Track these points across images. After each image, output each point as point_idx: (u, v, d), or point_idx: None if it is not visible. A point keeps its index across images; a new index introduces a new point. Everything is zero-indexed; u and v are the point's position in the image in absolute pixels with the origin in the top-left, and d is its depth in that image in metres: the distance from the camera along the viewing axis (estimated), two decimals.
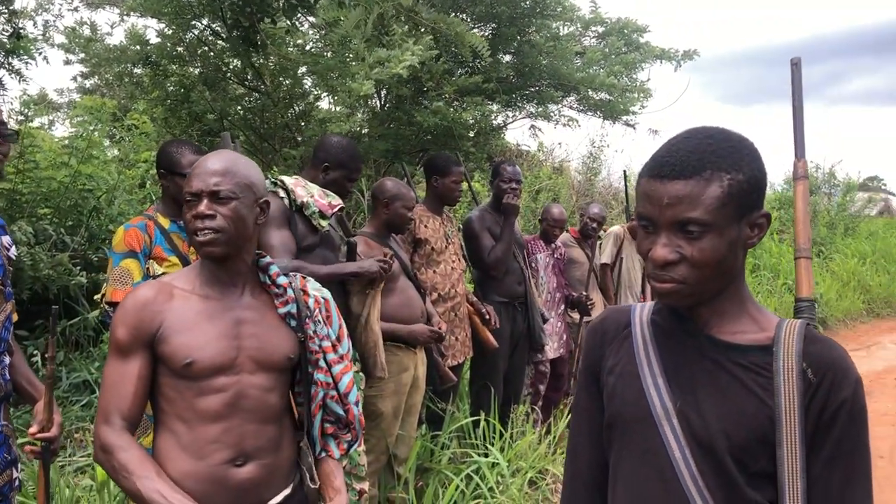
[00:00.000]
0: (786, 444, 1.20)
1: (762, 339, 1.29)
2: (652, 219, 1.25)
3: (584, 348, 1.51)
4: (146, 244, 2.75)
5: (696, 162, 1.21)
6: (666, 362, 1.33)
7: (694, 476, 1.25)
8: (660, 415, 1.29)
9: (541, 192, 9.24)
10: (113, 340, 1.74)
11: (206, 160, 1.78)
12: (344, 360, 1.97)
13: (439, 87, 6.36)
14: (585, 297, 5.12)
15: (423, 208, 4.10)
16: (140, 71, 6.89)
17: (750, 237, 1.26)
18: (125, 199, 5.39)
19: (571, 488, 1.50)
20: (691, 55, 7.43)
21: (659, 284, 1.26)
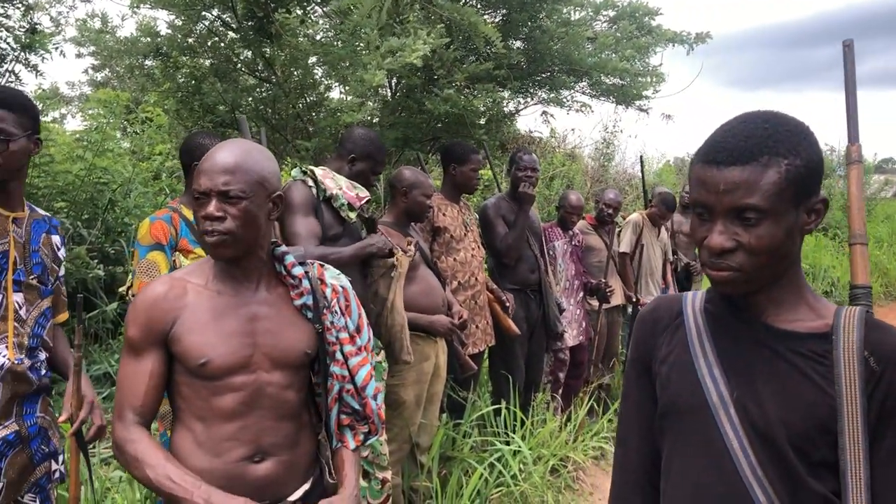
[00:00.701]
0: (848, 433, 1.18)
1: (820, 326, 1.26)
2: (707, 206, 1.22)
3: (635, 338, 1.48)
4: (172, 236, 2.74)
5: (753, 147, 1.18)
6: (721, 351, 1.31)
7: (753, 466, 1.23)
8: (716, 404, 1.27)
9: (554, 179, 9.20)
10: (126, 338, 1.71)
11: (216, 154, 1.69)
12: (362, 353, 1.92)
13: (450, 75, 6.34)
14: (604, 283, 5.10)
15: (440, 196, 4.08)
16: (151, 63, 6.89)
17: (807, 223, 1.24)
18: (140, 192, 5.39)
19: (623, 478, 1.48)
20: (704, 38, 7.40)
21: (715, 273, 1.24)
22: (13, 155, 2.08)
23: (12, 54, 4.44)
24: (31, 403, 2.17)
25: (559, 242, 5.01)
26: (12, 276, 2.11)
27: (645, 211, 5.94)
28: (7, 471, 2.08)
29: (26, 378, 2.12)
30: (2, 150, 2.05)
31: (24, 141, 2.12)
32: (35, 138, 2.18)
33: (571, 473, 4.44)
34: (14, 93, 2.20)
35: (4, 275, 2.10)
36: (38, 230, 2.25)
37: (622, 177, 10.90)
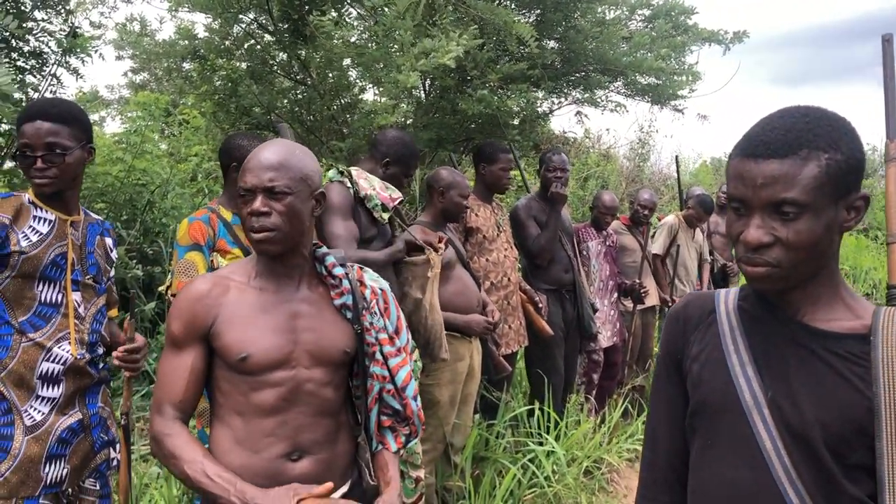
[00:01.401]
0: (886, 436, 1.16)
1: (858, 326, 1.24)
2: (745, 200, 1.21)
3: (665, 335, 1.47)
4: (210, 237, 2.80)
5: (793, 140, 1.17)
6: (755, 350, 1.29)
7: (787, 467, 1.21)
8: (749, 404, 1.26)
9: (589, 179, 9.15)
10: (168, 333, 1.75)
11: (260, 153, 1.74)
12: (401, 354, 1.93)
13: (483, 76, 6.32)
14: (638, 284, 5.07)
15: (473, 197, 4.09)
16: (189, 65, 6.97)
17: (847, 220, 1.22)
18: (178, 193, 5.47)
19: (651, 476, 1.48)
20: (741, 37, 7.27)
21: (751, 268, 1.23)
22: (69, 167, 2.22)
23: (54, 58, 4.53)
24: (92, 394, 2.32)
25: (593, 243, 4.99)
26: (71, 276, 2.24)
27: (681, 213, 5.89)
28: (71, 457, 2.21)
29: (87, 372, 2.26)
30: (59, 163, 2.18)
31: (79, 152, 2.25)
32: (89, 147, 2.30)
33: (605, 475, 4.42)
34: (68, 105, 2.31)
35: (64, 275, 2.23)
36: (93, 233, 2.39)
37: (657, 177, 10.81)
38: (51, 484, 2.14)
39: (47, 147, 2.15)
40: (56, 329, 2.18)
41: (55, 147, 2.16)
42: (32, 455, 2.10)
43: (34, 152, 2.15)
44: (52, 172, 2.17)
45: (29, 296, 2.14)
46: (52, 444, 2.15)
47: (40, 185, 2.18)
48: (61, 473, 2.17)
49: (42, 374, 2.14)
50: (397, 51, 5.47)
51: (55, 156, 2.16)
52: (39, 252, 2.15)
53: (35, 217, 2.18)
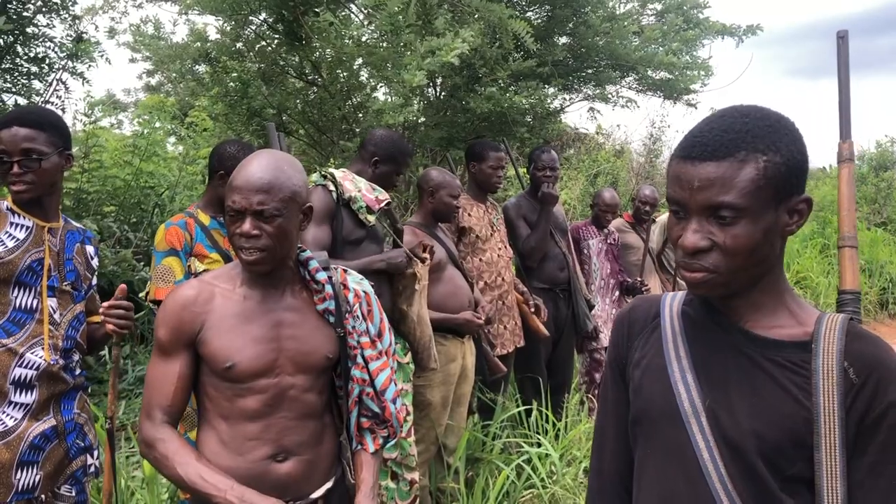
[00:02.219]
0: (824, 448, 1.12)
1: (800, 334, 1.20)
2: (682, 203, 1.17)
3: (611, 339, 1.44)
4: (187, 242, 2.82)
5: (730, 142, 1.13)
6: (696, 357, 1.26)
7: (722, 478, 1.18)
8: (688, 412, 1.22)
9: (599, 176, 9.07)
10: (156, 339, 1.78)
11: (248, 171, 1.71)
12: (382, 357, 1.95)
13: (493, 73, 6.30)
14: (640, 282, 5.02)
15: (466, 197, 4.08)
16: (201, 68, 7.05)
17: (788, 224, 1.18)
18: (186, 196, 5.53)
19: (598, 482, 1.45)
20: (754, 30, 7.18)
21: (689, 273, 1.19)
22: (46, 172, 2.23)
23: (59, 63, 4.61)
24: (68, 400, 2.32)
25: (594, 241, 4.95)
26: (47, 283, 2.25)
27: None
28: (44, 463, 2.21)
29: (62, 378, 2.26)
30: (34, 169, 2.20)
31: (56, 158, 2.26)
32: (66, 154, 2.32)
33: None
34: (44, 112, 2.35)
35: (40, 281, 2.24)
36: (72, 240, 2.40)
37: None
38: (22, 490, 2.14)
39: (23, 153, 2.17)
40: (30, 335, 2.19)
41: (31, 153, 2.18)
42: (3, 461, 2.11)
43: (10, 158, 2.17)
44: (28, 178, 2.19)
45: (3, 301, 2.16)
46: (24, 450, 2.15)
47: (17, 192, 2.20)
48: (33, 480, 2.17)
49: (15, 380, 2.15)
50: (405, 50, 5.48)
51: (31, 161, 2.18)
52: (15, 258, 2.17)
53: (12, 223, 2.21)
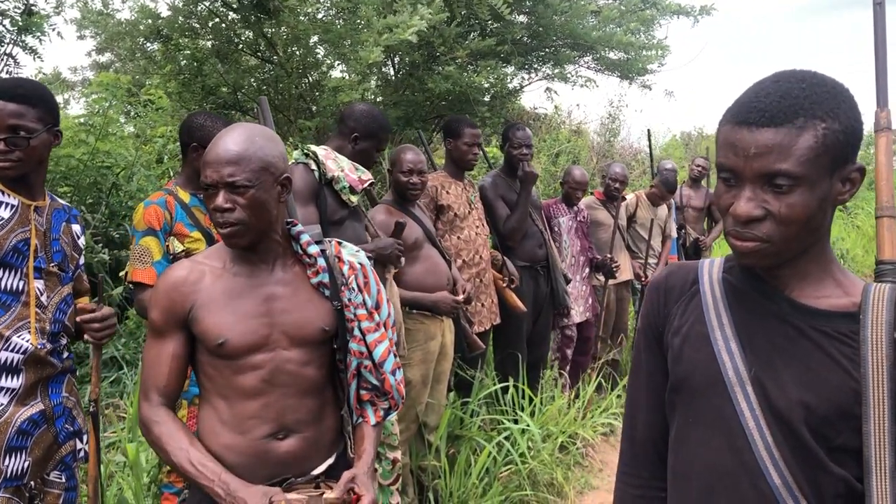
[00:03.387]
0: (873, 419, 1.11)
1: (847, 304, 1.19)
2: (735, 170, 1.14)
3: (646, 306, 1.41)
4: (166, 221, 2.72)
5: (788, 108, 1.10)
6: (740, 325, 1.24)
7: (769, 447, 1.17)
8: (732, 381, 1.21)
9: (560, 155, 9.14)
10: (149, 321, 1.78)
11: (219, 144, 1.70)
12: (380, 329, 1.94)
13: (452, 52, 6.27)
14: (610, 259, 5.07)
15: (444, 174, 4.05)
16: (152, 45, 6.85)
17: (841, 193, 1.16)
18: (143, 175, 5.37)
19: (631, 451, 1.44)
20: (708, 10, 7.29)
21: (740, 243, 1.16)
22: (34, 150, 2.13)
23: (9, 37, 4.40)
24: (55, 384, 2.23)
25: (564, 218, 4.98)
26: (33, 264, 2.16)
27: (644, 191, 5.93)
28: (33, 449, 2.13)
29: (49, 362, 2.17)
30: (23, 147, 2.09)
31: (45, 135, 2.16)
32: (55, 130, 2.21)
33: (580, 450, 4.44)
34: (33, 86, 2.21)
35: (26, 262, 2.14)
36: (59, 219, 2.30)
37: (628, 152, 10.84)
38: (11, 476, 2.06)
39: (11, 129, 2.06)
40: (16, 318, 2.08)
41: (19, 129, 2.07)
42: None
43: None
44: (15, 156, 2.07)
45: None
46: (12, 435, 2.06)
47: (3, 169, 2.08)
48: (22, 466, 2.08)
49: (0, 364, 2.05)
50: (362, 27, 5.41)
51: (19, 139, 2.07)
52: (0, 238, 2.06)
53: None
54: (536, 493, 3.86)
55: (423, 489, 3.62)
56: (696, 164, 6.85)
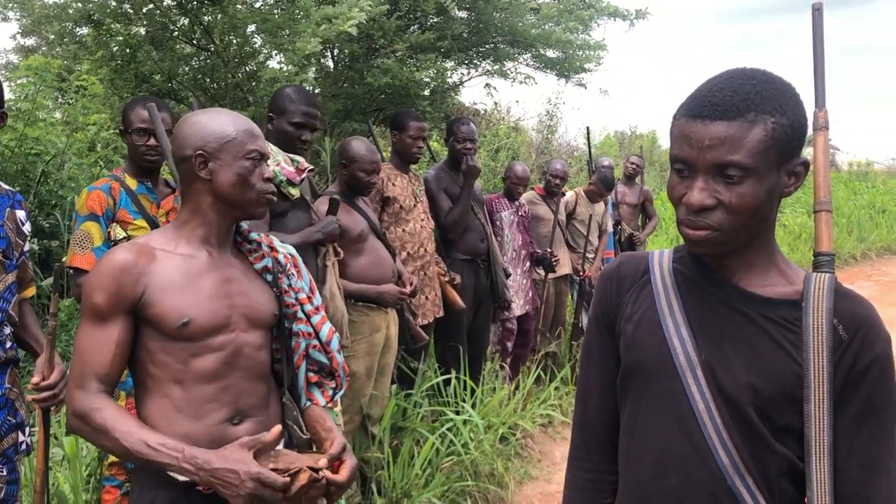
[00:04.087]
0: (814, 400, 1.18)
1: (790, 293, 1.25)
2: (689, 162, 1.19)
3: (597, 295, 1.45)
4: (109, 207, 2.69)
5: (741, 103, 1.15)
6: (690, 312, 1.29)
7: (718, 428, 1.22)
8: (683, 365, 1.26)
9: (500, 151, 9.21)
10: (88, 306, 1.66)
11: (239, 120, 1.78)
12: (320, 311, 1.97)
13: (392, 45, 6.25)
14: (550, 253, 5.15)
15: (389, 166, 4.04)
16: (83, 30, 6.63)
17: (787, 186, 1.22)
18: (75, 163, 5.20)
19: (582, 436, 1.48)
20: (644, 14, 7.46)
21: (692, 231, 1.21)
22: None
23: None
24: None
25: (506, 213, 5.03)
26: None
27: (582, 188, 6.04)
28: None
29: None
30: None
31: None
32: (1, 112, 2.13)
33: (520, 441, 4.50)
34: None
35: None
36: (2, 205, 2.22)
37: (565, 149, 10.99)
38: None
39: None
40: None
41: None
42: None
43: None
44: None
45: None
46: None
47: None
48: None
49: None
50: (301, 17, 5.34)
51: None
52: None
53: None
54: (478, 484, 3.90)
55: (366, 481, 3.62)
56: (630, 162, 7.00)
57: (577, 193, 5.95)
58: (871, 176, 17.66)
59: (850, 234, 13.09)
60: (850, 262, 12.29)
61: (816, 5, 1.45)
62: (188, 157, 1.72)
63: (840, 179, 16.48)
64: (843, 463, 1.20)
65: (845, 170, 18.20)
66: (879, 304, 7.75)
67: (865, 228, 13.58)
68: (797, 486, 1.23)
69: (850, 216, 13.85)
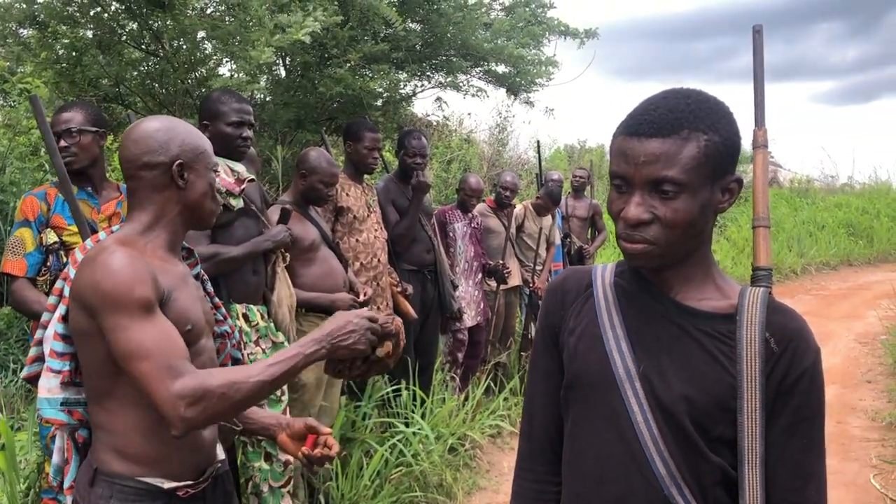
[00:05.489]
0: (747, 411, 1.22)
1: (725, 307, 1.30)
2: (626, 177, 1.23)
3: (544, 308, 1.49)
4: (42, 212, 2.71)
5: (675, 121, 1.20)
6: (629, 325, 1.33)
7: (655, 438, 1.26)
8: (622, 377, 1.29)
9: (452, 163, 9.25)
10: (133, 302, 1.52)
11: None
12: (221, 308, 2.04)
13: (344, 55, 6.24)
14: (502, 265, 5.19)
15: (343, 176, 4.04)
16: (27, 31, 6.48)
17: (721, 202, 1.26)
18: (17, 168, 5.06)
19: (529, 447, 1.50)
20: (593, 34, 7.56)
21: (629, 245, 1.25)
22: None
23: None
24: None
25: (459, 224, 5.07)
26: None
27: (530, 202, 6.11)
28: None
29: None
30: None
31: None
32: None
33: (469, 451, 4.51)
34: None
35: None
36: None
37: (516, 161, 11.08)
38: None
39: None
40: None
41: None
42: None
43: None
44: None
45: None
46: None
47: None
48: None
49: None
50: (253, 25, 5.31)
51: None
52: None
53: None
54: (426, 495, 3.90)
55: (314, 492, 3.59)
56: (575, 175, 7.11)
57: (525, 207, 6.01)
58: (812, 192, 18.16)
59: (790, 250, 13.43)
60: (790, 276, 12.61)
61: (757, 27, 1.52)
62: (161, 163, 1.67)
63: (782, 196, 16.90)
64: (775, 471, 1.24)
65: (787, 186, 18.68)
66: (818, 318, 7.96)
67: (805, 244, 13.94)
68: (731, 494, 1.26)
69: (790, 232, 14.21)
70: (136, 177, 1.69)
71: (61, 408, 1.65)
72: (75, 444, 1.68)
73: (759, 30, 1.53)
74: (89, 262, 1.59)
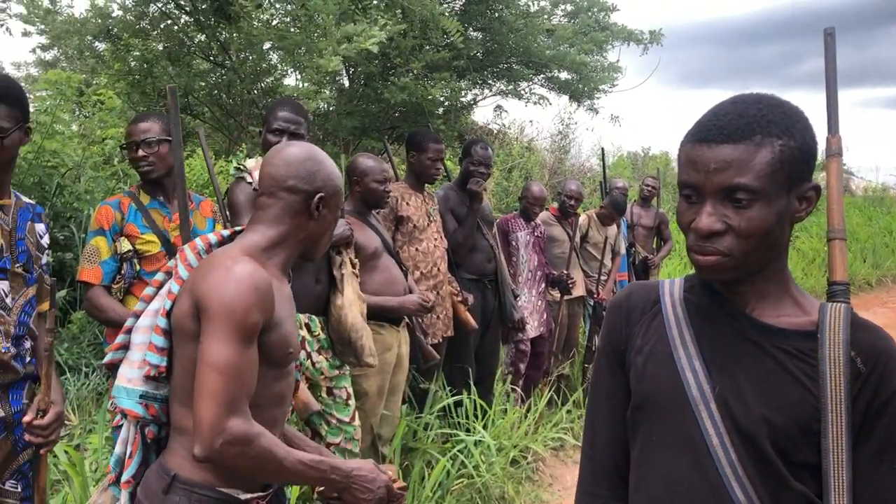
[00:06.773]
0: (832, 435, 1.14)
1: (805, 323, 1.22)
2: (696, 186, 1.17)
3: (607, 325, 1.42)
4: (116, 221, 2.75)
5: (746, 126, 1.14)
6: (702, 343, 1.25)
7: (733, 465, 1.18)
8: (696, 399, 1.22)
9: (513, 170, 9.23)
10: (242, 325, 1.54)
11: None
12: None
13: (407, 64, 6.28)
14: (566, 275, 5.12)
15: (404, 186, 4.04)
16: (101, 45, 6.71)
17: (798, 210, 1.19)
18: (91, 177, 5.23)
19: (591, 469, 1.42)
20: (658, 37, 7.43)
21: (702, 257, 1.18)
22: (6, 150, 2.04)
23: None
24: (16, 391, 2.15)
25: (522, 233, 5.02)
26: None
27: (594, 211, 6.02)
28: None
29: (12, 367, 2.09)
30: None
31: (17, 133, 2.06)
32: (26, 127, 2.12)
33: (531, 464, 4.45)
34: (5, 81, 2.12)
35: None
36: (24, 218, 2.22)
37: (578, 169, 10.99)
38: None
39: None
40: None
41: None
42: None
43: None
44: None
45: None
46: None
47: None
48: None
49: None
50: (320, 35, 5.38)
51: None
52: None
53: None
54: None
55: None
56: (645, 184, 6.96)
57: (589, 216, 5.93)
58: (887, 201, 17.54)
59: (864, 261, 12.96)
60: (864, 288, 12.16)
61: (829, 30, 1.44)
62: (305, 191, 1.69)
63: (855, 205, 16.35)
64: (861, 500, 1.16)
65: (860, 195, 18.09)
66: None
67: (881, 255, 13.44)
68: None
69: (864, 242, 13.73)
70: (276, 195, 1.70)
71: (140, 400, 1.65)
72: (143, 439, 1.68)
73: (832, 33, 1.45)
74: (218, 266, 1.59)
